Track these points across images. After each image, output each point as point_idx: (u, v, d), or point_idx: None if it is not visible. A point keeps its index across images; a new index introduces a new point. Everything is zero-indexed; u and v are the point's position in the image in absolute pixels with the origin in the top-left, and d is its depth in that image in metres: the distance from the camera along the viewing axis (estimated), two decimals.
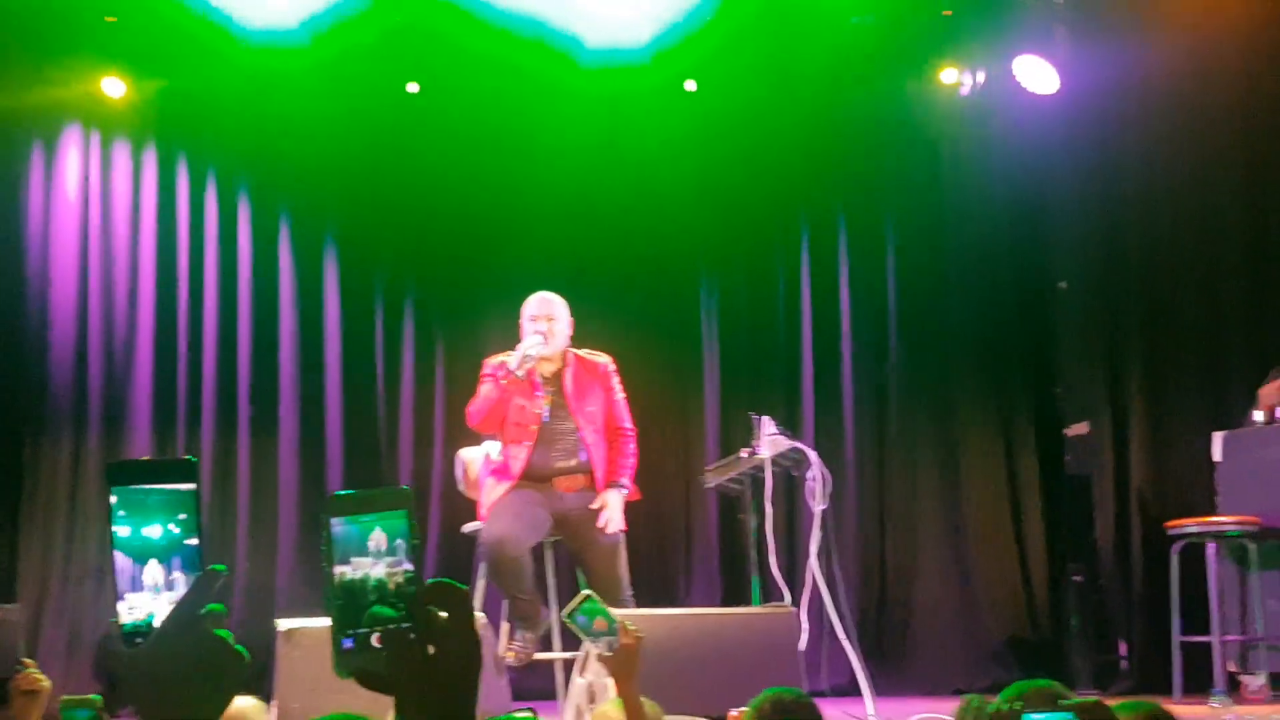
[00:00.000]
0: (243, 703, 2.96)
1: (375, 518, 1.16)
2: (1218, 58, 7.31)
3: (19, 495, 7.13)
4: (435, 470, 7.36)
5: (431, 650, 1.13)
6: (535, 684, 5.91)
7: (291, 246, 7.52)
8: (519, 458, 5.26)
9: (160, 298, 7.38)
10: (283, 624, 5.14)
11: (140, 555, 1.20)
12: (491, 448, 5.53)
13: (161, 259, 7.41)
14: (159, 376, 7.34)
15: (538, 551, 5.42)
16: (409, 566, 1.15)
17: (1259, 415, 6.52)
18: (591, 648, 2.93)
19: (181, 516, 1.22)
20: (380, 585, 1.15)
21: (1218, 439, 6.63)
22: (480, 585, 5.51)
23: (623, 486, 5.33)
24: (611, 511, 5.23)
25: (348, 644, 1.14)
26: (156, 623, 1.20)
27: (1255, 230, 7.36)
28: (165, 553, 1.21)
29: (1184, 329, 7.38)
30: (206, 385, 7.35)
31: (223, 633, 1.20)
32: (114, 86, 7.26)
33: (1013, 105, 7.55)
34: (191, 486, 1.22)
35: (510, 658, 5.21)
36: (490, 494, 5.31)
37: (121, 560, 1.20)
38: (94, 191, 7.38)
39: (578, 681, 4.51)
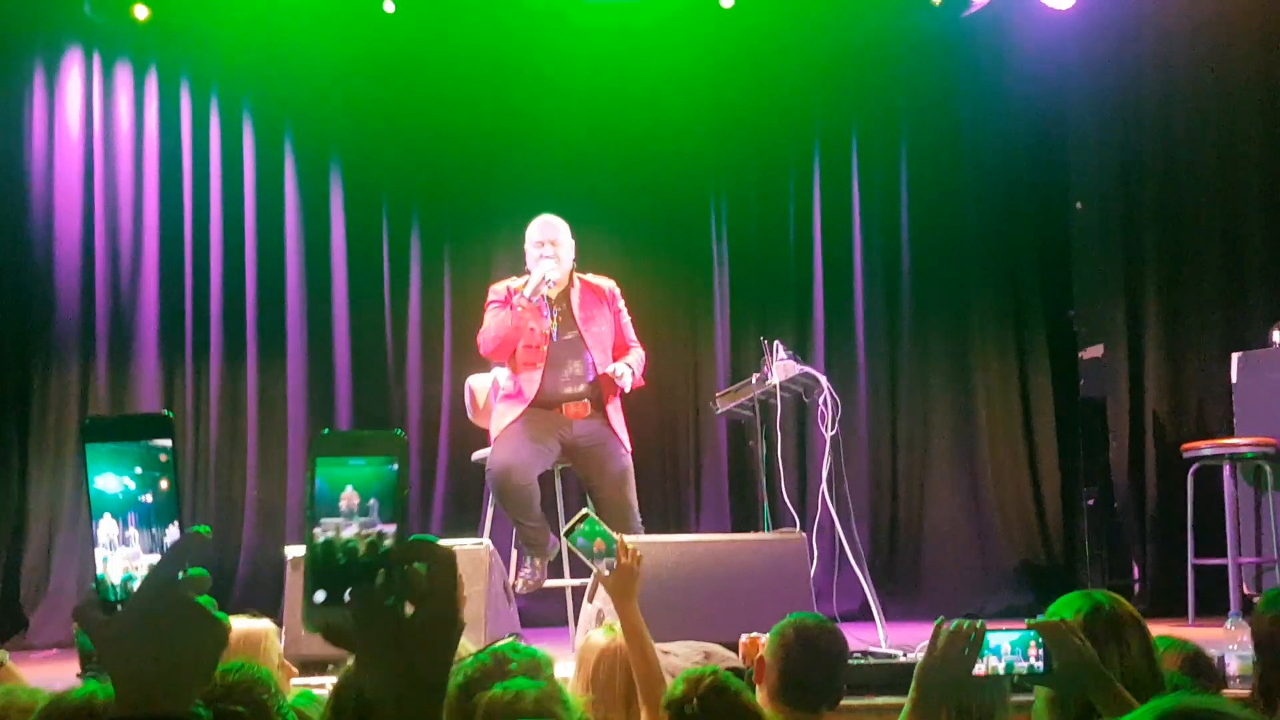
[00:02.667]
0: (258, 624, 2.94)
1: (365, 462, 1.10)
2: None
3: (28, 426, 7.12)
4: (444, 396, 7.32)
5: (410, 610, 1.08)
6: (545, 610, 5.91)
7: (296, 169, 7.43)
8: (531, 380, 5.23)
9: (165, 221, 7.32)
10: (291, 551, 5.14)
11: (120, 511, 1.16)
12: (501, 374, 5.49)
13: (165, 184, 7.35)
14: (165, 302, 7.30)
15: (547, 479, 5.39)
16: (382, 528, 1.09)
17: (1277, 335, 6.44)
18: (591, 567, 2.90)
19: (162, 471, 1.17)
20: (351, 548, 1.09)
21: (1235, 360, 6.56)
22: (490, 513, 5.49)
23: (629, 365, 5.30)
24: (623, 372, 5.20)
25: (319, 597, 1.09)
26: (136, 583, 1.14)
27: (1275, 150, 7.24)
28: (119, 508, 1.16)
29: (1201, 250, 7.29)
30: (213, 310, 7.30)
31: (205, 599, 1.13)
32: (117, 9, 7.13)
33: (1029, 20, 7.39)
34: (169, 442, 1.17)
35: (519, 585, 5.20)
36: (500, 419, 5.28)
37: (102, 516, 1.15)
38: (97, 114, 7.30)
39: (586, 608, 4.49)
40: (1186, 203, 7.35)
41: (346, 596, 1.08)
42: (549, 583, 5.35)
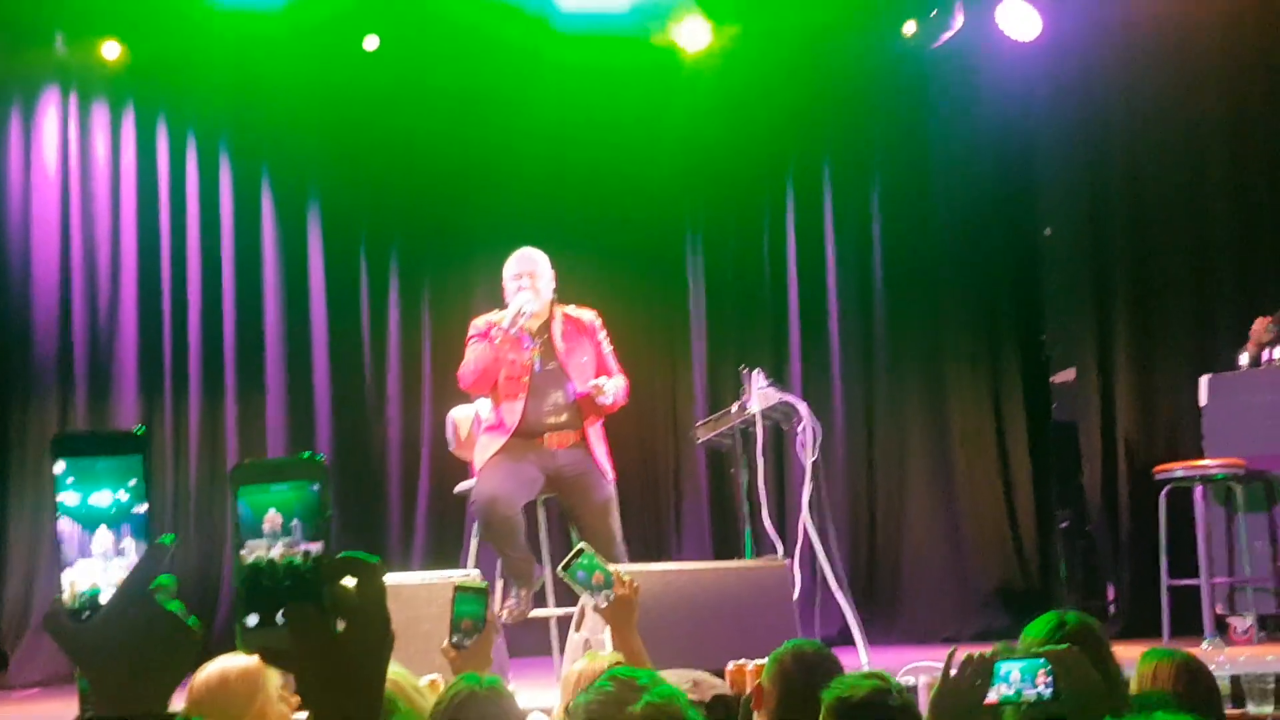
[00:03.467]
0: (250, 661, 2.96)
1: (287, 487, 1.14)
2: (1202, 2, 7.29)
3: (7, 462, 7.10)
4: (425, 429, 7.36)
5: (341, 626, 1.11)
6: (530, 640, 5.93)
7: (274, 205, 7.48)
8: (513, 411, 5.27)
9: (143, 259, 7.33)
10: None
11: (89, 522, 1.19)
12: (483, 406, 5.53)
13: (143, 220, 7.36)
14: (144, 339, 7.30)
15: (530, 509, 5.43)
16: (307, 547, 1.13)
17: (1244, 358, 6.55)
18: (589, 601, 2.95)
19: (131, 484, 1.21)
20: (276, 567, 1.12)
21: (1204, 383, 6.66)
22: (474, 544, 5.53)
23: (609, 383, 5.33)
24: (604, 385, 5.23)
25: (252, 620, 1.12)
26: (103, 595, 1.19)
27: (1240, 175, 7.38)
28: (115, 519, 1.20)
29: (1169, 274, 7.40)
30: (192, 346, 7.32)
31: (174, 605, 1.18)
32: (92, 49, 7.17)
33: (996, 52, 7.52)
34: (139, 455, 1.21)
35: (504, 616, 5.23)
36: (484, 451, 5.31)
37: (69, 528, 1.19)
38: (74, 153, 7.30)
39: (573, 637, 4.52)
40: (1154, 228, 7.47)
41: (279, 617, 1.11)
42: (534, 613, 5.38)
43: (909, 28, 7.54)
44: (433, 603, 4.16)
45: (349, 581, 1.12)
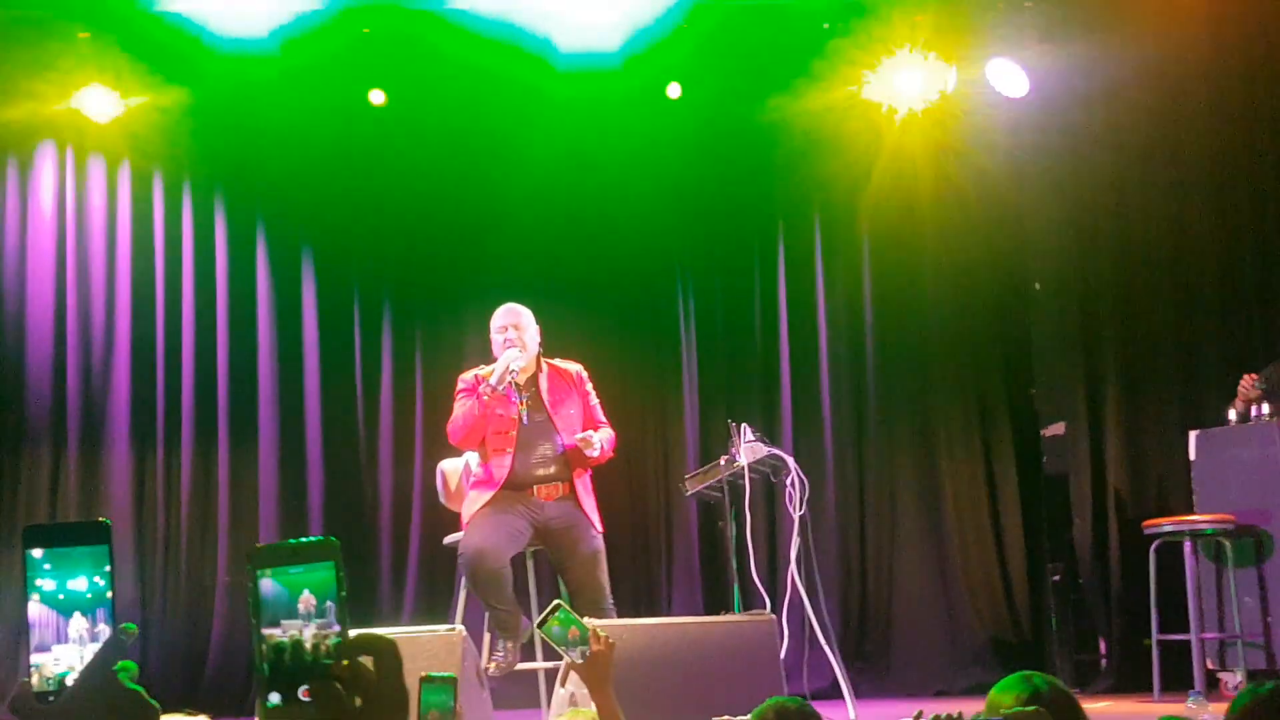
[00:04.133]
0: None
1: (304, 569, 1.18)
2: (1185, 60, 7.37)
3: None
4: (415, 481, 7.37)
5: (359, 702, 1.15)
6: (517, 694, 5.92)
7: (268, 256, 7.52)
8: (501, 465, 5.29)
9: (137, 311, 7.37)
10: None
11: (65, 609, 1.26)
12: (472, 459, 5.55)
13: (138, 272, 7.41)
14: (137, 390, 7.33)
15: (519, 562, 5.44)
16: (339, 628, 1.17)
17: (1233, 414, 6.58)
18: (565, 656, 2.96)
19: (104, 571, 1.27)
20: (310, 648, 1.16)
21: (1193, 438, 6.68)
22: (462, 597, 5.53)
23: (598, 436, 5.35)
24: (592, 439, 5.25)
25: (275, 698, 1.16)
26: (71, 678, 1.24)
27: (1225, 231, 7.43)
28: (90, 605, 1.26)
29: (1158, 329, 7.44)
30: (185, 398, 7.35)
31: (135, 686, 1.24)
32: (88, 101, 7.23)
33: (986, 108, 7.58)
34: (107, 545, 1.28)
35: (492, 668, 5.22)
36: (472, 505, 5.33)
37: (45, 614, 1.25)
38: (69, 206, 7.37)
39: (559, 692, 4.52)
40: (1141, 281, 7.51)
41: (300, 694, 1.15)
42: (521, 665, 5.37)
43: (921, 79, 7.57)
44: (413, 659, 4.15)
45: (366, 660, 1.17)
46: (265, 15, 7.13)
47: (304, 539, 1.21)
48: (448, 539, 5.65)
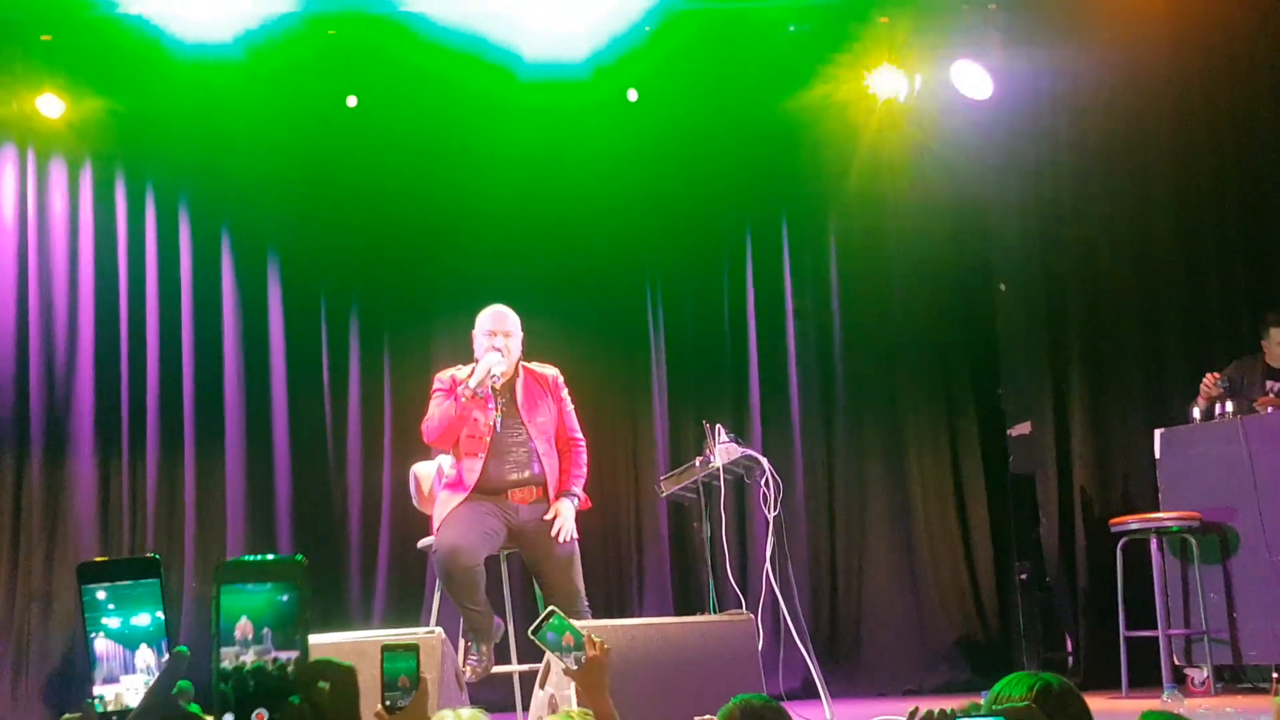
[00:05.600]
0: None
1: (269, 588, 1.20)
2: (1148, 63, 7.46)
3: None
4: (384, 486, 7.33)
5: None
6: (494, 697, 5.90)
7: (233, 262, 7.45)
8: (473, 469, 5.26)
9: (100, 317, 7.30)
10: None
11: (130, 643, 1.33)
12: (444, 461, 5.52)
13: (101, 277, 7.33)
14: (101, 397, 7.26)
15: (492, 563, 5.42)
16: (278, 655, 1.19)
17: (1197, 412, 6.65)
18: (559, 663, 2.95)
19: (162, 604, 1.34)
20: (257, 670, 1.19)
21: (1158, 436, 6.75)
22: (436, 601, 5.50)
23: (575, 496, 5.35)
24: (564, 520, 5.25)
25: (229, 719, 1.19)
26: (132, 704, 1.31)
27: (1189, 231, 7.53)
28: (154, 638, 1.34)
29: (1122, 329, 7.52)
30: (150, 406, 7.27)
31: (193, 708, 1.30)
32: (50, 104, 7.16)
33: (951, 110, 7.64)
34: (159, 579, 1.34)
35: (468, 673, 5.20)
36: (444, 507, 5.30)
37: (112, 648, 1.32)
38: (31, 210, 7.29)
39: (538, 694, 4.51)
40: (1106, 283, 7.59)
41: (254, 718, 1.19)
42: (497, 669, 5.36)
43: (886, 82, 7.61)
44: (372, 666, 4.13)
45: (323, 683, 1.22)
46: (230, 20, 7.08)
47: (271, 556, 1.23)
48: (421, 542, 5.62)
